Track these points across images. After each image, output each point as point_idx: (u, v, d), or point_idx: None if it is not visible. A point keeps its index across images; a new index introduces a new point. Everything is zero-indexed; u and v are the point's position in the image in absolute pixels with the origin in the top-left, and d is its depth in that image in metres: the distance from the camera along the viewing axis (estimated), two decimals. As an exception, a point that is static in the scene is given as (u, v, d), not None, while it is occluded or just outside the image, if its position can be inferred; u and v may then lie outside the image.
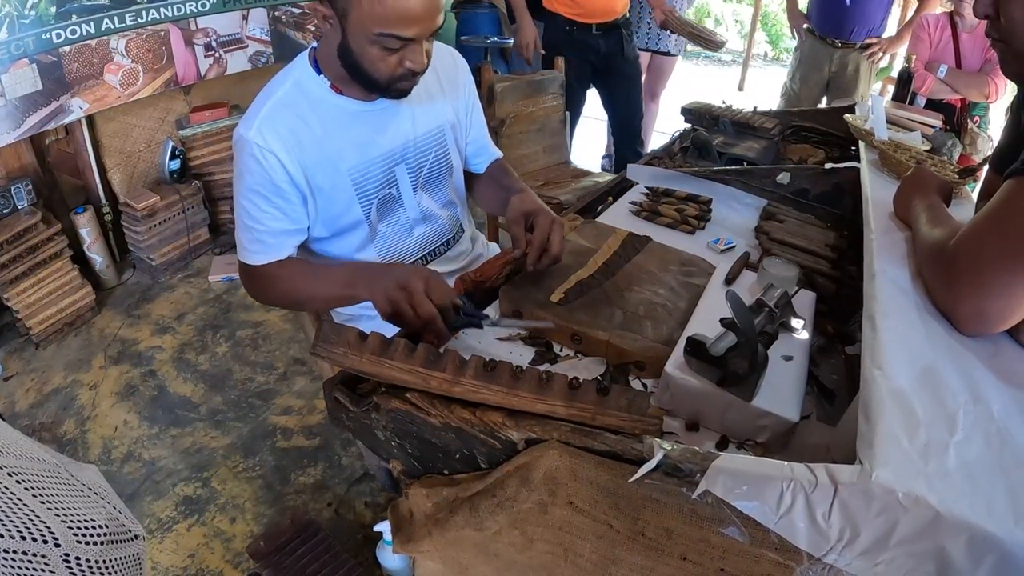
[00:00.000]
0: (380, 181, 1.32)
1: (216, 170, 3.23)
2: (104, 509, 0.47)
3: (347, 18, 1.09)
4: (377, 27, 1.07)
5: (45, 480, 0.45)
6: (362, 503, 1.98)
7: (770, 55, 8.09)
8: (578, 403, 0.76)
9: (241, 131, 1.21)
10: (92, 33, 2.58)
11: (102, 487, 0.50)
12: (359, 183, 1.29)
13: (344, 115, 1.26)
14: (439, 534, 0.85)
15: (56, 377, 2.49)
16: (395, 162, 1.33)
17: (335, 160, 1.25)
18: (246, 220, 1.25)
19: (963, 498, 0.61)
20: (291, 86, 1.23)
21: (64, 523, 0.43)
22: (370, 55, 1.12)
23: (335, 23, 1.12)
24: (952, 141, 1.74)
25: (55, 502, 0.44)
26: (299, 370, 2.54)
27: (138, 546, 0.49)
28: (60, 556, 0.42)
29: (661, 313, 1.15)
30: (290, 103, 1.22)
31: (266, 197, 1.22)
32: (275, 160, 1.19)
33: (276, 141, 1.19)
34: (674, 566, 0.71)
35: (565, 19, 3.01)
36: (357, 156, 1.28)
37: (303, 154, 1.22)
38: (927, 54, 3.05)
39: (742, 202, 1.66)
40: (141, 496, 2.00)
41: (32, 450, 0.47)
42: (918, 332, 0.84)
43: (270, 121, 1.19)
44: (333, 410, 0.96)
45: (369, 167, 1.30)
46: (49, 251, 2.58)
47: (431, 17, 1.10)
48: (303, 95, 1.23)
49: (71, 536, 0.43)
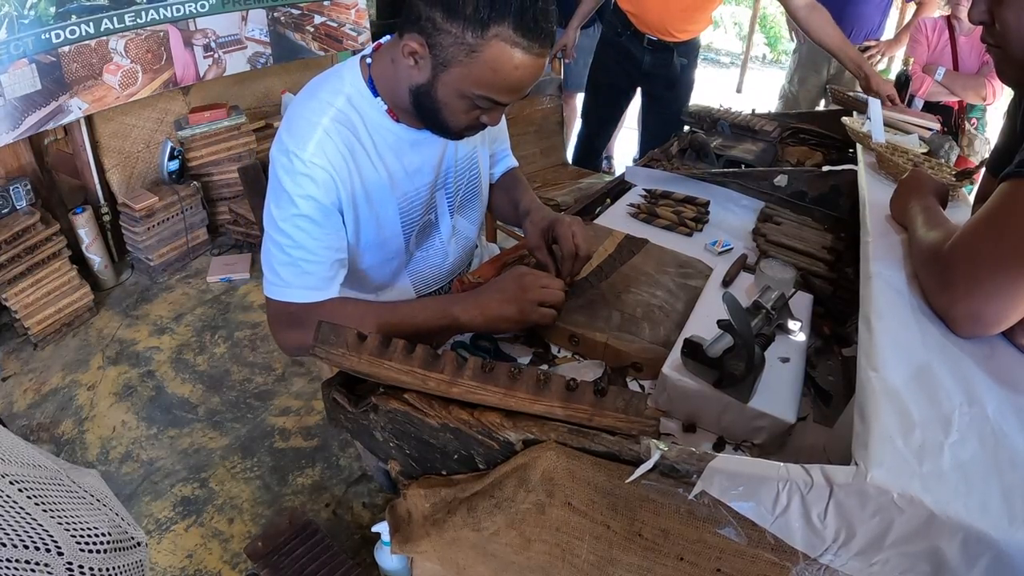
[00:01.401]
0: (423, 208, 1.28)
1: (215, 171, 3.24)
2: (107, 516, 0.47)
3: (445, 69, 1.01)
4: (478, 89, 1.02)
5: (47, 487, 0.45)
6: (360, 504, 1.98)
7: (768, 57, 8.11)
8: (575, 404, 0.76)
9: (291, 148, 1.07)
10: (91, 33, 2.58)
11: (104, 493, 0.50)
12: (405, 210, 1.24)
13: (400, 142, 1.18)
14: (437, 534, 0.85)
15: (54, 377, 2.49)
16: (436, 188, 1.29)
17: (388, 186, 1.19)
18: (290, 251, 1.09)
19: (958, 499, 0.61)
20: (344, 103, 1.12)
21: (67, 531, 0.43)
22: (454, 107, 1.06)
23: (424, 64, 1.03)
24: (950, 144, 1.75)
25: (57, 510, 0.44)
26: (297, 371, 2.54)
27: (140, 553, 0.49)
28: (63, 564, 0.42)
29: (658, 315, 1.15)
30: (346, 122, 1.11)
31: (319, 224, 1.10)
32: (332, 181, 1.09)
33: (337, 159, 1.09)
34: (671, 566, 0.72)
35: (625, 20, 2.83)
36: (407, 183, 1.22)
37: (360, 177, 1.14)
38: (925, 57, 3.06)
39: (739, 204, 1.67)
40: (139, 497, 2.00)
41: (33, 457, 0.47)
42: (914, 334, 0.84)
43: (328, 138, 1.09)
44: (331, 411, 0.96)
45: (417, 194, 1.25)
46: (47, 251, 2.58)
47: (523, 92, 1.07)
48: (358, 115, 1.13)
49: (74, 544, 0.43)
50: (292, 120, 1.11)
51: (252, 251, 3.26)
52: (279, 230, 1.10)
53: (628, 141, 4.50)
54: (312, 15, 3.37)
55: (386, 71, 1.12)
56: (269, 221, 1.11)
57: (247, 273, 3.11)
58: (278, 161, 1.09)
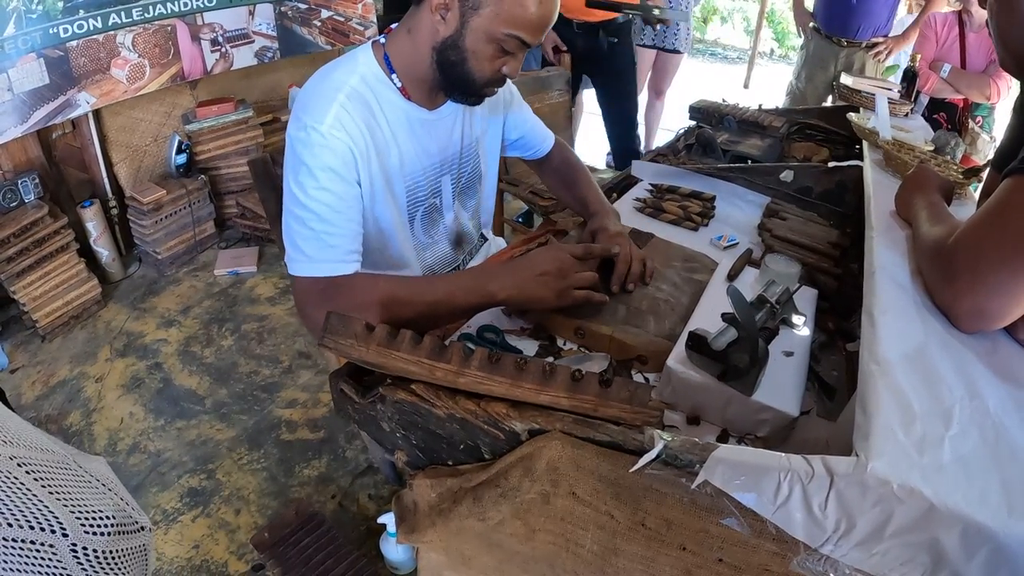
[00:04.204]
0: (428, 190, 1.31)
1: (222, 164, 3.25)
2: (112, 500, 0.48)
3: (477, 11, 1.06)
4: (508, 27, 1.06)
5: (54, 471, 0.46)
6: (366, 495, 2.00)
7: (776, 53, 8.08)
8: (581, 395, 0.77)
9: (309, 122, 1.08)
10: (99, 28, 2.59)
11: (110, 479, 0.51)
12: (411, 190, 1.27)
13: (410, 121, 1.21)
14: (443, 524, 0.86)
15: (62, 369, 2.51)
16: (443, 172, 1.32)
17: (398, 164, 1.21)
18: (312, 225, 1.09)
19: (957, 490, 0.61)
20: (359, 81, 1.15)
21: (72, 513, 0.44)
22: (482, 53, 1.10)
23: (452, 16, 1.08)
24: (956, 141, 1.75)
25: (63, 492, 0.44)
26: (304, 363, 2.56)
27: (144, 537, 0.50)
28: (68, 546, 0.43)
29: (664, 308, 1.16)
30: (361, 98, 1.14)
31: (340, 196, 1.10)
32: (351, 153, 1.11)
33: (355, 132, 1.11)
34: (674, 556, 0.72)
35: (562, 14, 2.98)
36: (415, 163, 1.25)
37: (375, 152, 1.16)
38: (933, 52, 3.05)
39: (745, 199, 1.67)
40: (146, 487, 2.02)
41: (41, 441, 0.48)
42: (916, 328, 0.84)
43: (346, 112, 1.11)
44: (339, 401, 0.97)
45: (423, 175, 1.28)
46: (55, 244, 2.60)
47: (547, 30, 1.12)
48: (372, 92, 1.16)
49: (79, 526, 0.44)
50: (307, 98, 1.12)
51: (259, 244, 3.28)
52: (300, 205, 1.09)
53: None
54: (319, 9, 3.37)
55: (403, 45, 1.16)
56: (289, 198, 1.11)
57: (254, 266, 3.13)
58: (296, 137, 1.10)
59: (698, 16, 8.34)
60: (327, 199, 1.09)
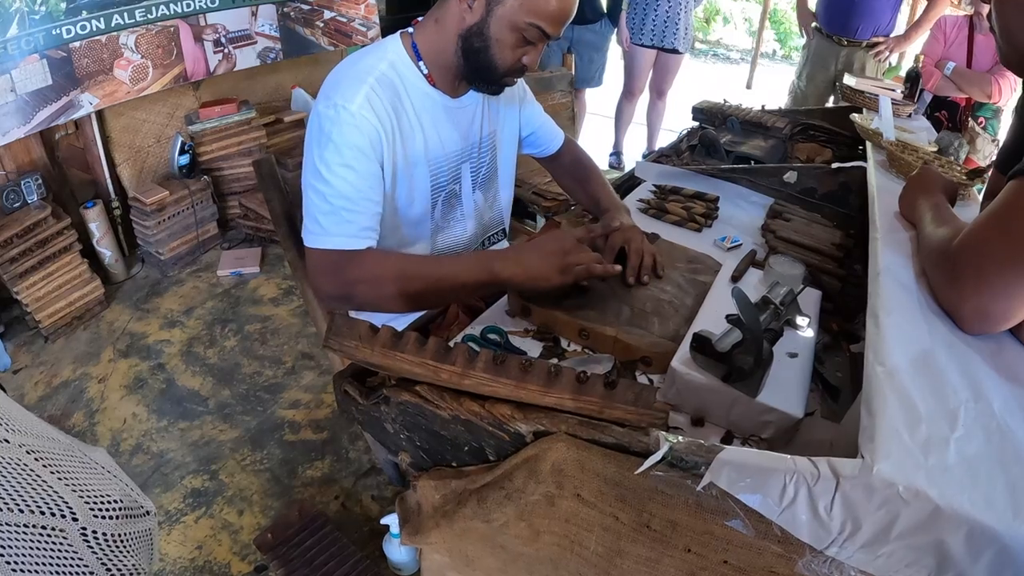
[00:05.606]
0: (449, 176, 1.34)
1: (225, 165, 3.26)
2: (118, 485, 0.49)
3: (502, 1, 1.12)
4: (530, 17, 1.12)
5: (61, 458, 0.46)
6: (369, 497, 2.00)
7: (779, 53, 8.08)
8: (586, 396, 0.77)
9: (339, 101, 1.13)
10: (102, 29, 2.60)
11: (113, 466, 0.51)
12: (434, 175, 1.30)
13: (436, 107, 1.26)
14: (447, 526, 0.86)
15: (65, 370, 2.51)
16: (463, 160, 1.36)
17: (423, 149, 1.26)
18: (332, 200, 1.13)
19: (963, 492, 0.61)
20: (388, 67, 1.20)
21: (81, 498, 0.44)
22: (505, 41, 1.15)
23: (480, 2, 1.14)
24: (959, 142, 1.75)
25: (72, 478, 0.45)
26: (307, 364, 2.56)
27: (150, 521, 0.51)
28: (78, 530, 0.43)
29: (668, 309, 1.16)
30: (389, 83, 1.19)
31: (362, 174, 1.15)
32: (377, 134, 1.15)
33: (383, 115, 1.16)
34: (678, 558, 0.72)
35: None
36: (439, 149, 1.29)
37: (401, 136, 1.21)
38: (940, 52, 3.06)
39: (749, 200, 1.67)
40: (150, 488, 2.02)
41: (47, 430, 0.49)
42: (921, 329, 0.84)
43: (376, 95, 1.16)
44: (342, 403, 0.97)
45: (445, 161, 1.32)
46: (58, 245, 2.60)
47: (567, 23, 1.17)
48: (400, 78, 1.21)
49: (88, 510, 0.44)
50: (338, 80, 1.18)
51: (262, 245, 3.28)
52: (322, 179, 1.14)
53: (638, 137, 4.50)
54: (322, 10, 3.38)
55: (431, 33, 1.22)
56: (312, 172, 1.15)
57: (257, 267, 3.13)
58: (324, 115, 1.14)
59: (700, 16, 8.34)
60: (350, 176, 1.14)
